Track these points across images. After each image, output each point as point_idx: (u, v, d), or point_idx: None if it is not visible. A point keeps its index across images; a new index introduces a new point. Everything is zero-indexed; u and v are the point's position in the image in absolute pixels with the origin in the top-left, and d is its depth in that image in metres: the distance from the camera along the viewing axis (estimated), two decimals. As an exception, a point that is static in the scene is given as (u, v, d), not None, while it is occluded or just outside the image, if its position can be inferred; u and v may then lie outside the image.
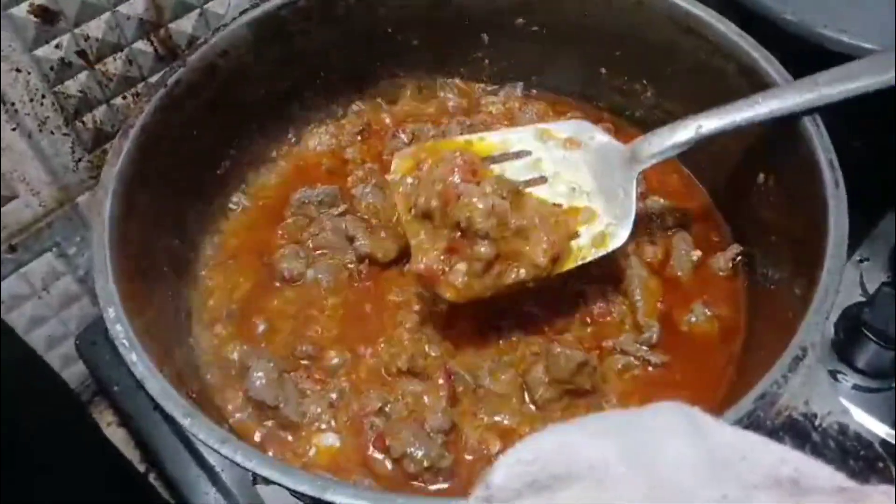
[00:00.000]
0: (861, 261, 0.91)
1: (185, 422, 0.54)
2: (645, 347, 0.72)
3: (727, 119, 0.69)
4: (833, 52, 0.78)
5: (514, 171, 0.70)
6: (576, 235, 0.69)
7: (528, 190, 0.68)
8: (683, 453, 0.37)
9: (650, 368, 0.71)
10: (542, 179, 0.71)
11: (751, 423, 0.52)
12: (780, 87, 0.71)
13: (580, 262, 0.69)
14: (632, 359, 0.72)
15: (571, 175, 0.72)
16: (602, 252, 0.69)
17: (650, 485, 0.35)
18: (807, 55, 0.75)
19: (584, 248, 0.69)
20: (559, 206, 0.70)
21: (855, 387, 0.84)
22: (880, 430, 0.81)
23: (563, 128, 0.75)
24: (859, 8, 0.81)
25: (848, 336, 0.84)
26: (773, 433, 0.52)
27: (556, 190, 0.71)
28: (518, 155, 0.72)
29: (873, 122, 0.77)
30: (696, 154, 0.85)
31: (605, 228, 0.70)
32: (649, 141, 0.71)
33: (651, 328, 0.73)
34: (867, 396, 0.83)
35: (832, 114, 0.69)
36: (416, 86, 0.94)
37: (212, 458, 0.84)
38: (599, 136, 0.74)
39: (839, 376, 0.83)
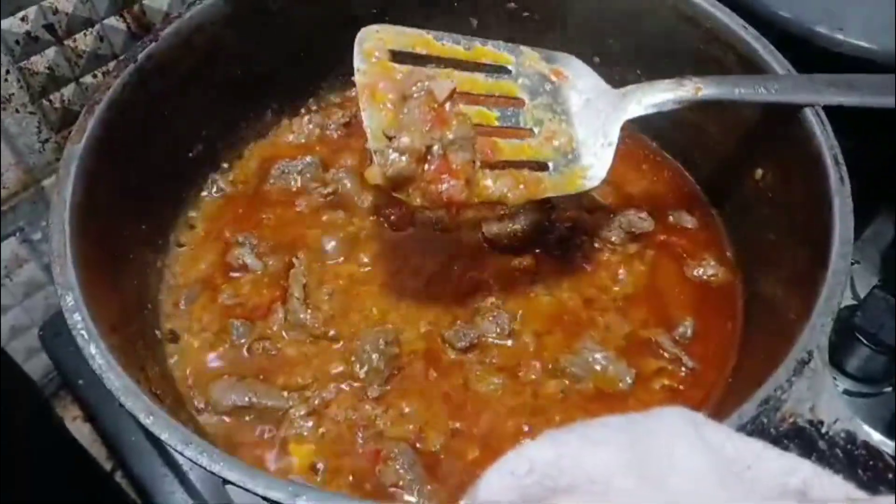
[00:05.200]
0: (851, 263, 0.90)
1: (148, 421, 0.51)
2: (680, 351, 0.70)
3: (727, 89, 0.67)
4: (829, 49, 0.78)
5: (488, 87, 0.66)
6: (544, 168, 0.66)
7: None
8: (692, 465, 0.35)
9: (683, 371, 0.69)
10: (520, 102, 0.67)
11: (754, 429, 0.50)
12: (785, 76, 0.69)
13: (547, 195, 0.66)
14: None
15: (553, 105, 0.68)
16: (571, 191, 0.67)
17: (660, 500, 0.32)
18: (803, 53, 0.74)
19: (554, 184, 0.66)
20: (530, 131, 0.66)
21: (845, 392, 0.83)
22: (871, 436, 0.79)
23: (552, 57, 0.70)
24: (856, 6, 0.81)
25: (838, 340, 0.83)
26: (778, 441, 0.50)
27: (533, 116, 0.67)
28: (495, 70, 0.67)
29: (864, 123, 0.75)
30: (688, 146, 0.84)
31: (579, 168, 0.67)
32: (644, 90, 0.68)
33: (684, 322, 0.71)
34: (858, 401, 0.82)
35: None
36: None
37: (179, 457, 0.81)
38: (590, 76, 0.70)
39: (829, 381, 0.82)
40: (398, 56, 0.64)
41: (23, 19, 0.76)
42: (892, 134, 0.77)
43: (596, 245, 0.77)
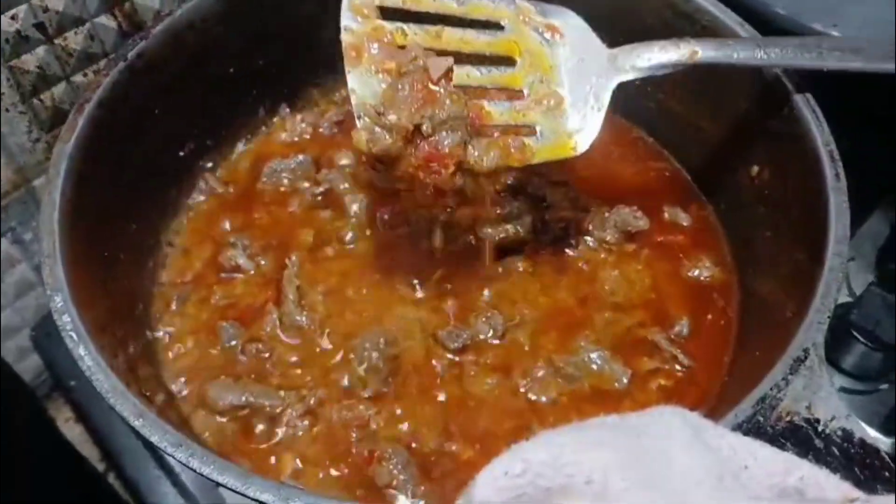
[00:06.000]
0: (847, 260, 0.90)
1: (137, 422, 0.51)
2: (676, 350, 0.69)
3: (726, 52, 0.65)
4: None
5: (479, 46, 0.63)
6: (532, 133, 0.64)
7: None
8: (688, 466, 0.34)
9: (679, 370, 0.69)
10: (510, 61, 0.65)
11: (751, 428, 0.50)
12: (787, 39, 0.67)
13: (533, 162, 0.64)
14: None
15: (543, 63, 0.65)
16: (558, 157, 0.65)
17: (657, 500, 0.31)
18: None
19: (541, 150, 0.64)
20: (521, 93, 0.64)
21: (841, 389, 0.82)
22: (868, 433, 0.79)
23: (548, 10, 0.67)
24: (851, 2, 0.80)
25: (834, 337, 0.82)
26: (775, 439, 0.50)
27: (524, 77, 0.64)
28: (487, 25, 0.64)
29: (859, 120, 0.75)
30: (683, 142, 0.83)
31: (566, 133, 0.65)
32: (638, 52, 0.66)
33: (680, 320, 0.71)
34: (853, 399, 0.81)
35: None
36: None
37: (172, 459, 0.80)
38: (585, 33, 0.67)
39: (824, 378, 0.82)
40: (388, 13, 0.61)
41: (13, 18, 0.75)
42: (888, 130, 0.76)
43: (591, 245, 0.77)
